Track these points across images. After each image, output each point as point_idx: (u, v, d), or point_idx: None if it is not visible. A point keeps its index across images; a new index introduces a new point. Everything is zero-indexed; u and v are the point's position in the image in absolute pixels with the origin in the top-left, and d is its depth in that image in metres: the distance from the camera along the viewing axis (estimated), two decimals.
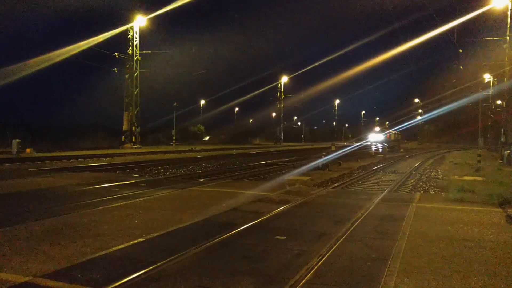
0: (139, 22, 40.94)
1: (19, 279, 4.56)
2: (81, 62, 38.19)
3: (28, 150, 26.99)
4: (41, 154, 25.80)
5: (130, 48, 40.98)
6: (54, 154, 26.84)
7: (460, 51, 37.55)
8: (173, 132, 54.11)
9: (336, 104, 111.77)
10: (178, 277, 4.77)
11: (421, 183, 17.52)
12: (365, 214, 8.70)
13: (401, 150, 56.25)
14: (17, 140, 25.45)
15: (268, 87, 76.49)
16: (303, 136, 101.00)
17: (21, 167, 18.95)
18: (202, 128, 78.58)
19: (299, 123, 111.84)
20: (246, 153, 39.59)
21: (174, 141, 53.47)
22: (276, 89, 79.26)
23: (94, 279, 4.66)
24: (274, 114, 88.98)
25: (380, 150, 37.13)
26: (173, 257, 5.40)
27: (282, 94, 79.68)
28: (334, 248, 6.05)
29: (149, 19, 40.91)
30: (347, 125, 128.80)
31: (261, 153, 39.97)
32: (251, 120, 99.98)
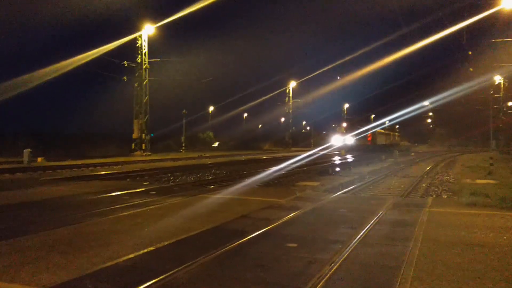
0: (148, 30, 41.25)
1: None
2: (90, 71, 38.61)
3: (39, 159, 27.22)
4: (52, 163, 25.99)
5: (139, 56, 41.28)
6: (65, 163, 27.04)
7: (470, 53, 37.28)
8: (183, 139, 54.33)
9: (345, 108, 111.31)
10: (189, 286, 4.73)
11: (433, 187, 17.31)
12: (377, 220, 8.60)
13: (412, 154, 55.24)
14: (28, 150, 25.68)
15: (277, 92, 76.62)
16: (312, 141, 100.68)
17: (32, 176, 19.13)
18: (211, 134, 78.74)
19: (308, 128, 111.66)
20: (256, 159, 39.55)
21: (183, 148, 53.66)
22: (284, 94, 79.45)
23: None
24: (283, 119, 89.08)
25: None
26: (184, 266, 5.36)
27: (291, 99, 79.78)
28: (346, 255, 5.97)
29: (158, 27, 41.23)
30: None
31: (270, 159, 39.87)
32: (260, 126, 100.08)
